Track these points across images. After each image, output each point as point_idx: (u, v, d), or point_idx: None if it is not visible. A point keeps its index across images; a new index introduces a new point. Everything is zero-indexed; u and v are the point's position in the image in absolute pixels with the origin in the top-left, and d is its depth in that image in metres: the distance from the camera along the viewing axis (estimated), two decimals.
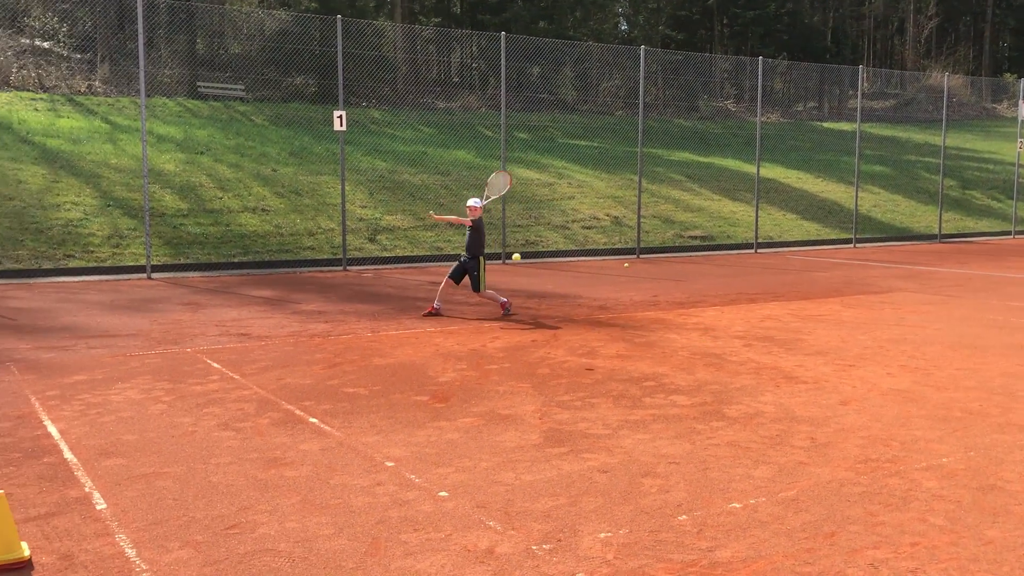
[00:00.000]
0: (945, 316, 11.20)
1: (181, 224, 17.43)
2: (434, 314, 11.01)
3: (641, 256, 19.71)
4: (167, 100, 26.50)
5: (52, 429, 6.01)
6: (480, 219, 11.04)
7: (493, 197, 11.95)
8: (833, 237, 23.71)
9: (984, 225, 27.49)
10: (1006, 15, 61.22)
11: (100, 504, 4.64)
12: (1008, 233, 26.57)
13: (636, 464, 5.33)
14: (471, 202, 11.03)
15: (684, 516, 4.51)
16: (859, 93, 25.50)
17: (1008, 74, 56.60)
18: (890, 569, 3.93)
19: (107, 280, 14.49)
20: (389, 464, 5.31)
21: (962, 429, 6.11)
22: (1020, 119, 28.06)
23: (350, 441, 5.79)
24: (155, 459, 5.39)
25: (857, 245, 22.96)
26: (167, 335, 9.65)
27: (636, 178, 20.82)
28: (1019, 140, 26.50)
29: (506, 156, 18.77)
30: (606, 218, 22.09)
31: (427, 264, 17.56)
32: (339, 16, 16.85)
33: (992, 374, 7.84)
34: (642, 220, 20.50)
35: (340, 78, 16.57)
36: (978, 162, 35.05)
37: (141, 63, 14.96)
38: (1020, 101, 28.58)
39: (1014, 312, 11.52)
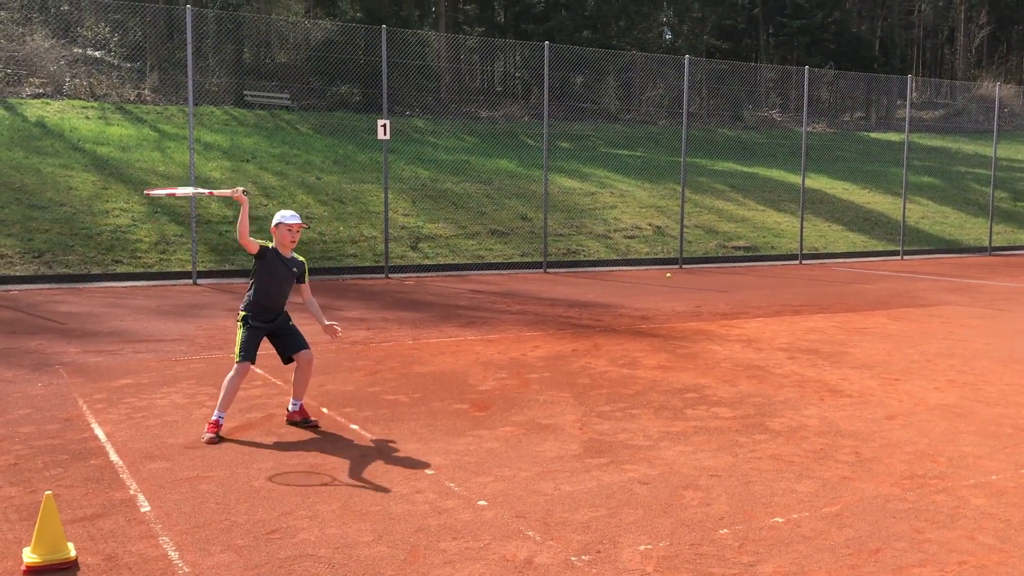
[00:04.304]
0: (995, 330, 10.96)
1: (227, 231, 17.66)
2: (304, 423, 6.35)
3: (683, 266, 19.57)
4: (214, 109, 26.90)
5: (99, 432, 6.11)
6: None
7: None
8: (880, 249, 23.36)
9: None
10: None
11: (144, 506, 4.70)
12: None
13: (677, 476, 5.28)
14: (291, 217, 6.20)
15: (725, 530, 4.45)
16: (908, 103, 25.11)
17: None
18: None
19: (154, 285, 14.73)
20: (429, 472, 5.32)
21: (1012, 446, 5.97)
22: None
23: (390, 448, 5.81)
24: (198, 463, 5.45)
25: (904, 257, 22.59)
26: (212, 340, 9.77)
27: (679, 188, 20.69)
28: None
29: (548, 165, 18.76)
30: (648, 228, 21.98)
31: (469, 272, 17.59)
32: (384, 26, 16.99)
33: None
34: (685, 230, 20.36)
35: (384, 87, 16.69)
36: None
37: (189, 72, 15.22)
38: None
39: None
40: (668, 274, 17.93)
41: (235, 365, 6.08)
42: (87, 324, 10.76)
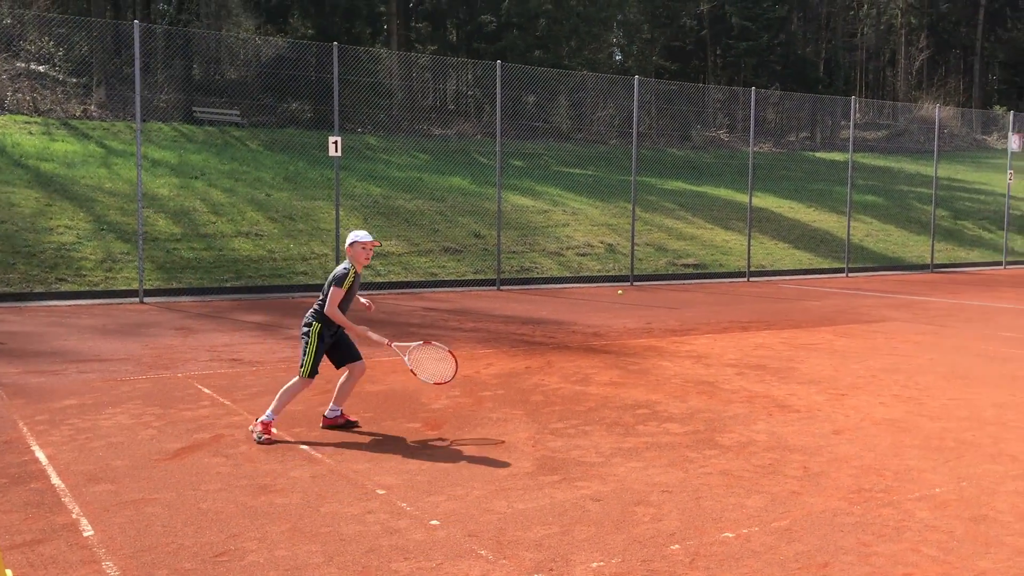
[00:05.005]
0: (937, 346, 11.21)
1: (174, 248, 17.41)
2: (347, 424, 6.87)
3: (634, 284, 19.73)
4: (162, 125, 26.56)
5: (40, 454, 5.96)
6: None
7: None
8: (825, 266, 23.78)
9: (976, 255, 27.61)
10: (995, 48, 61.94)
11: (87, 531, 4.59)
12: (999, 264, 26.68)
13: (629, 492, 5.30)
14: (365, 236, 6.67)
15: (677, 545, 4.48)
16: (851, 123, 25.69)
17: (998, 107, 57.11)
18: None
19: (99, 304, 14.44)
20: (380, 492, 5.28)
21: (955, 459, 6.10)
22: (1010, 151, 28.28)
23: (341, 468, 5.75)
24: (144, 485, 5.35)
25: (849, 274, 23.02)
26: (158, 360, 9.61)
27: (630, 206, 20.89)
28: (1009, 172, 26.69)
29: (501, 183, 18.83)
30: (600, 245, 22.13)
31: (421, 290, 17.54)
32: (335, 43, 16.95)
33: (984, 404, 7.84)
34: (636, 248, 20.54)
35: (336, 104, 16.63)
36: (969, 193, 35.27)
37: (137, 88, 15.02)
38: (1010, 133, 28.82)
39: (1006, 342, 11.54)
40: (619, 291, 18.06)
41: (300, 379, 6.53)
42: (29, 344, 10.51)
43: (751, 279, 21.31)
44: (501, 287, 18.27)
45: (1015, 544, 4.56)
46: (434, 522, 4.78)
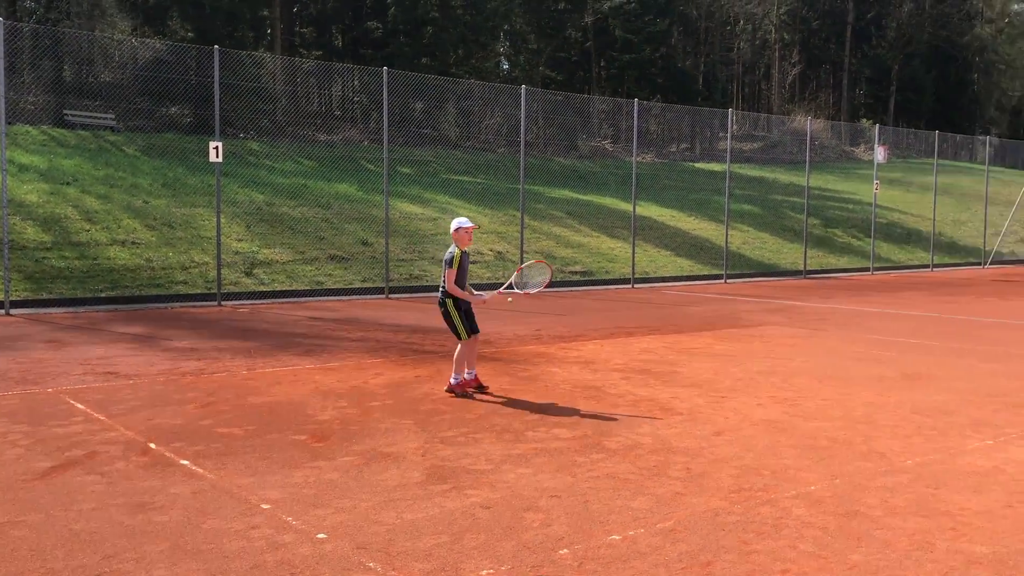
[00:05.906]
0: (811, 349, 11.69)
1: (44, 257, 16.60)
2: (480, 388, 8.54)
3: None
4: (30, 128, 25.31)
5: None
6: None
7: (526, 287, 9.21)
8: (705, 273, 24.51)
9: (845, 262, 28.95)
10: (862, 65, 65.27)
11: None
12: (867, 269, 28.05)
13: (518, 499, 5.33)
14: (467, 222, 8.68)
15: (565, 550, 4.53)
16: (729, 135, 26.59)
17: (865, 120, 60.19)
18: None
19: None
20: (265, 506, 5.15)
21: (828, 457, 6.37)
22: (876, 162, 29.80)
23: (224, 483, 5.59)
24: (10, 507, 5.07)
25: (728, 280, 23.78)
26: (26, 375, 9.13)
27: (518, 214, 21.06)
28: (875, 182, 28.12)
29: (389, 190, 18.69)
30: (489, 253, 22.22)
31: (306, 299, 17.23)
32: (216, 47, 16.51)
33: (855, 404, 8.21)
34: (524, 255, 20.71)
35: (217, 109, 16.20)
36: (839, 202, 36.98)
37: (1, 89, 14.25)
38: (875, 145, 30.37)
39: (875, 345, 12.13)
40: (509, 299, 18.13)
41: (463, 342, 8.29)
42: None
43: (635, 286, 21.77)
44: (390, 295, 18.12)
45: (884, 537, 4.79)
46: (321, 536, 4.69)
